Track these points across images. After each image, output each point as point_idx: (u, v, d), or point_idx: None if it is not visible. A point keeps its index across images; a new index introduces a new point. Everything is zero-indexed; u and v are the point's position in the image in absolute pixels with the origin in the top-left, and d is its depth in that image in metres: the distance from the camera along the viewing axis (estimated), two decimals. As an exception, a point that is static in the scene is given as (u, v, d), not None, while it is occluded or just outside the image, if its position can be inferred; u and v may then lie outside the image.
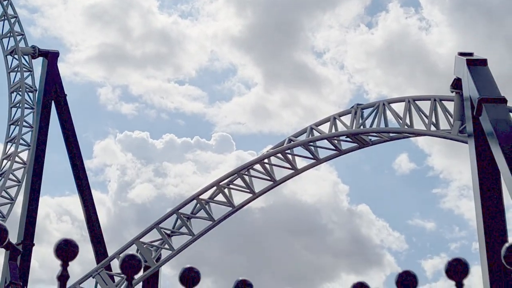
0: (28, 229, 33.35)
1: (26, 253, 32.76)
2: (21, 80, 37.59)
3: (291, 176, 30.54)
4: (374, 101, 28.95)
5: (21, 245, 32.50)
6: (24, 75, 37.74)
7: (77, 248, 2.65)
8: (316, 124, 29.93)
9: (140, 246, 29.46)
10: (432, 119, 25.90)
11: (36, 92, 37.35)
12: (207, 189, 30.41)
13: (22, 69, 37.89)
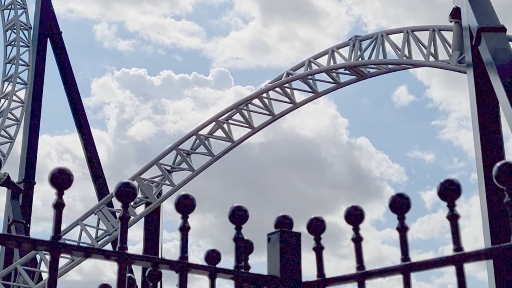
0: (28, 167, 33.54)
1: (28, 191, 33.03)
2: (15, 17, 37.19)
3: (289, 110, 30.51)
4: (373, 33, 28.69)
5: (22, 183, 32.73)
6: (18, 13, 37.33)
7: (72, 176, 2.65)
8: (314, 57, 29.75)
9: (140, 182, 29.64)
10: (431, 49, 25.72)
11: (31, 30, 37.00)
12: (206, 124, 30.42)
13: (16, 6, 37.46)
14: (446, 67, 25.03)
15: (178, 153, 30.19)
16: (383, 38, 27.31)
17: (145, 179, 30.02)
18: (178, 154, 30.21)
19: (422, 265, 2.65)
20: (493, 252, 2.48)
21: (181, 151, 30.11)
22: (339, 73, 29.17)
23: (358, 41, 28.16)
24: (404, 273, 2.68)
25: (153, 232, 29.67)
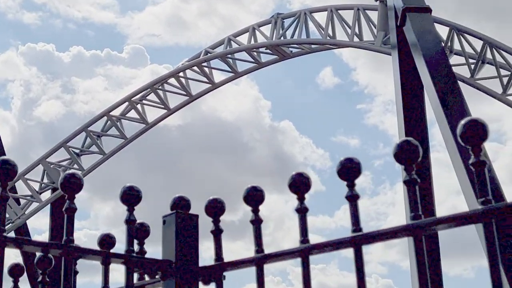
0: None
1: None
2: None
3: (208, 90, 30.42)
4: (296, 11, 28.84)
5: None
6: None
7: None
8: (234, 35, 29.70)
9: (46, 166, 29.07)
10: (355, 29, 26.05)
11: None
12: (119, 104, 30.04)
13: None
14: (371, 48, 25.40)
15: (87, 135, 29.72)
16: (306, 16, 27.48)
17: (52, 162, 29.46)
18: (88, 136, 29.75)
19: (321, 247, 2.68)
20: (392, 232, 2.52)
21: (91, 133, 29.66)
22: (260, 52, 29.23)
23: (281, 19, 28.25)
24: (303, 256, 2.71)
25: (61, 219, 29.18)
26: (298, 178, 2.75)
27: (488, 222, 2.17)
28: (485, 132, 2.23)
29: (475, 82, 25.24)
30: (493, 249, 2.14)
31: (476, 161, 2.24)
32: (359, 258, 2.52)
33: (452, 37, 25.37)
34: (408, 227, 2.39)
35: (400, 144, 2.45)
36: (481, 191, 2.22)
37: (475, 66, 25.19)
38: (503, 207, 2.18)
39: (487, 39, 25.34)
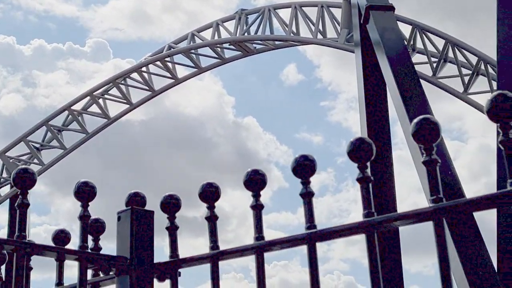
0: None
1: None
2: None
3: (171, 85, 30.32)
4: (260, 7, 28.88)
5: None
6: None
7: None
8: (198, 30, 29.63)
9: (6, 160, 28.73)
10: (319, 26, 26.15)
11: None
12: (80, 99, 29.79)
13: None
14: (334, 45, 25.52)
15: (48, 129, 29.43)
16: (270, 13, 27.52)
17: (11, 157, 29.12)
18: (49, 131, 29.46)
19: (276, 244, 2.69)
20: (345, 230, 2.54)
21: (51, 127, 29.37)
22: (224, 48, 29.20)
23: (245, 15, 28.26)
24: (257, 253, 2.72)
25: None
26: (253, 175, 2.76)
27: (438, 220, 2.20)
28: (437, 131, 2.26)
29: (437, 80, 25.50)
30: (442, 246, 2.17)
31: (427, 159, 2.27)
32: (313, 255, 2.54)
33: (415, 35, 25.61)
34: (361, 225, 2.41)
35: (354, 142, 2.47)
36: (433, 189, 2.25)
37: (437, 65, 25.46)
38: (453, 205, 2.21)
39: (449, 38, 25.62)
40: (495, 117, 2.15)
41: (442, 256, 2.15)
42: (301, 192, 2.60)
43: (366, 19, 21.08)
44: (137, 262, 2.97)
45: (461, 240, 9.85)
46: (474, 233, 10.08)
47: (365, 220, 2.39)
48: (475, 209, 2.27)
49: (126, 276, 2.94)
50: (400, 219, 2.34)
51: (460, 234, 9.90)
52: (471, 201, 2.18)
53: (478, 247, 10.19)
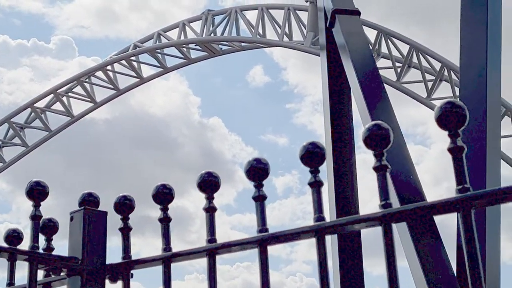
0: None
1: None
2: None
3: (136, 85, 30.21)
4: (226, 8, 28.88)
5: None
6: None
7: None
8: (164, 30, 29.55)
9: (-34, 157, 28.39)
10: (285, 29, 26.26)
11: None
12: (44, 96, 29.56)
13: None
14: (300, 48, 25.64)
15: (10, 126, 29.13)
16: (237, 14, 27.56)
17: (-28, 154, 28.80)
18: (11, 128, 29.16)
19: (228, 247, 2.70)
20: (296, 233, 2.55)
21: (13, 124, 29.07)
22: (190, 49, 29.16)
23: (211, 16, 28.25)
24: (209, 255, 2.72)
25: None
26: (207, 177, 2.76)
27: (386, 225, 2.22)
28: (387, 137, 2.28)
29: (401, 85, 25.73)
30: (390, 251, 2.19)
31: (377, 165, 2.29)
32: (264, 257, 2.55)
33: (380, 40, 25.82)
34: (312, 228, 2.42)
35: (306, 147, 2.49)
36: (381, 195, 2.27)
37: (401, 70, 25.69)
38: (401, 210, 2.23)
39: (414, 43, 25.87)
40: (444, 125, 2.18)
41: (389, 261, 2.18)
42: (254, 196, 2.60)
43: (332, 22, 21.17)
44: (88, 263, 2.95)
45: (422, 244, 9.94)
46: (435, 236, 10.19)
47: (314, 224, 2.41)
48: (426, 213, 2.30)
49: (77, 277, 2.92)
50: (350, 223, 2.36)
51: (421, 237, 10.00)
52: (419, 207, 2.20)
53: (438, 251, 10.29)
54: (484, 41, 10.03)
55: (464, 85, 12.95)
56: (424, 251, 10.35)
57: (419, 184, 14.22)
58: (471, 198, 2.10)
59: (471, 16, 11.77)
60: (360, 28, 23.80)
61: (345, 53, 22.54)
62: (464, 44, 13.03)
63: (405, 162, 12.67)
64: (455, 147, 2.17)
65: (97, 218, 3.06)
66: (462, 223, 2.13)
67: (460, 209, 2.12)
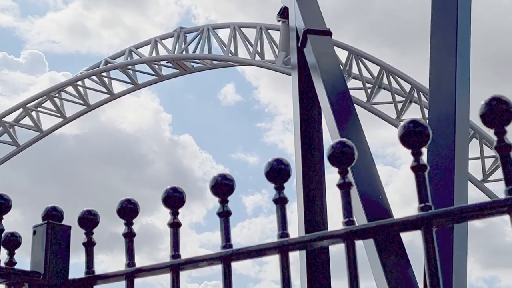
0: None
1: None
2: None
3: (107, 100, 30.08)
4: (199, 26, 28.93)
5: None
6: None
7: None
8: (136, 46, 29.51)
9: None
10: (257, 48, 26.35)
11: None
12: (12, 110, 29.32)
13: None
14: (271, 67, 25.73)
15: (-23, 140, 28.86)
16: (209, 32, 27.62)
17: None
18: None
19: (192, 262, 2.69)
20: (260, 250, 2.55)
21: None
22: (162, 65, 29.14)
23: (183, 33, 28.27)
24: (173, 271, 2.71)
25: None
26: (172, 192, 2.76)
27: (349, 242, 2.23)
28: (351, 155, 2.30)
29: (371, 106, 25.92)
30: (352, 267, 2.21)
31: (341, 182, 2.31)
32: (227, 274, 2.54)
33: (351, 61, 26.01)
34: (276, 245, 2.43)
35: (271, 163, 2.49)
36: (345, 212, 2.29)
37: (372, 91, 25.89)
38: (364, 228, 2.25)
39: (384, 65, 26.10)
40: (407, 143, 2.20)
41: (351, 276, 2.19)
42: (218, 211, 2.61)
43: (303, 42, 21.31)
44: (50, 277, 2.93)
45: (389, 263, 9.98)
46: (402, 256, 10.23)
47: (278, 240, 2.41)
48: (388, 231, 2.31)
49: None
50: (313, 240, 2.37)
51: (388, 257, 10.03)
52: (381, 224, 2.22)
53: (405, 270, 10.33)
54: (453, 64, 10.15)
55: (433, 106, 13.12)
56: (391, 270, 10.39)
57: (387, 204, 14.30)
58: (432, 217, 2.12)
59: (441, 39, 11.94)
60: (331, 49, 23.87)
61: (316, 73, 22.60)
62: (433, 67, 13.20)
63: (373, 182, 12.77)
64: (417, 166, 2.19)
65: (61, 232, 3.03)
66: (424, 241, 2.15)
67: (421, 227, 2.14)
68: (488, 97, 2.12)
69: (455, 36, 10.12)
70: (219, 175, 2.63)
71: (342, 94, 19.64)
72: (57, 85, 29.62)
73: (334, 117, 19.43)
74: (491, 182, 27.21)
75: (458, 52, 10.00)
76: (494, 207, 2.04)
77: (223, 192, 2.60)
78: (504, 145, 2.10)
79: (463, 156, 9.27)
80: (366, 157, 10.10)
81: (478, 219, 2.11)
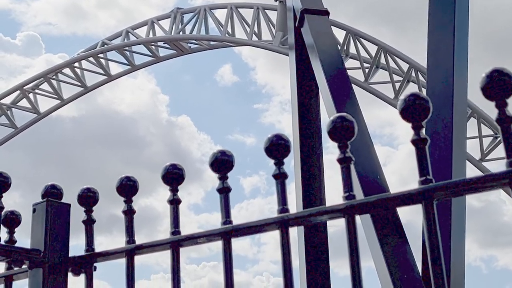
0: None
1: None
2: None
3: (104, 82, 30.03)
4: (196, 6, 28.85)
5: None
6: None
7: None
8: (132, 28, 29.41)
9: None
10: (254, 28, 26.28)
11: None
12: (9, 93, 29.27)
13: None
14: (268, 47, 25.68)
15: (-25, 123, 28.82)
16: (206, 12, 27.52)
17: None
18: (-24, 124, 28.86)
19: (192, 239, 2.69)
20: (260, 225, 2.54)
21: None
22: (159, 46, 29.07)
23: (180, 14, 28.16)
24: (173, 247, 2.71)
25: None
26: (171, 169, 2.75)
27: (349, 216, 2.23)
28: (351, 129, 2.29)
29: (369, 86, 25.89)
30: (353, 242, 2.20)
31: (341, 157, 2.30)
32: (227, 250, 2.54)
33: (349, 41, 25.94)
34: (276, 220, 2.43)
35: (270, 138, 2.49)
36: (345, 186, 2.28)
37: (369, 71, 25.84)
38: (364, 202, 2.25)
39: (382, 44, 26.04)
40: (407, 117, 2.19)
41: (352, 252, 2.19)
42: (218, 188, 2.60)
43: (301, 22, 21.25)
44: (50, 255, 2.92)
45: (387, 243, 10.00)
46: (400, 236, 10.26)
47: (278, 216, 2.41)
48: (388, 205, 2.31)
49: (39, 269, 2.89)
50: (313, 215, 2.37)
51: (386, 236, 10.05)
52: (381, 198, 2.22)
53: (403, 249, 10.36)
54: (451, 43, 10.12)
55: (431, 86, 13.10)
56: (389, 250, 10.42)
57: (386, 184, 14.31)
58: (433, 190, 2.12)
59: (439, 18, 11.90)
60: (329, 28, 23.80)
61: (313, 53, 22.54)
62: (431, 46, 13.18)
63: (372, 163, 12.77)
64: (418, 139, 2.19)
65: (60, 210, 3.03)
66: (425, 215, 2.14)
67: (422, 200, 2.13)
68: (489, 69, 2.09)
69: (453, 14, 10.08)
70: (219, 151, 2.62)
71: (339, 74, 19.62)
72: (54, 67, 29.55)
73: (331, 97, 19.38)
74: (489, 161, 27.26)
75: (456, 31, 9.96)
76: (495, 179, 2.03)
77: (223, 168, 2.59)
78: (505, 117, 2.08)
79: (461, 134, 9.26)
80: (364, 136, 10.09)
81: (479, 192, 2.10)
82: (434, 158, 8.04)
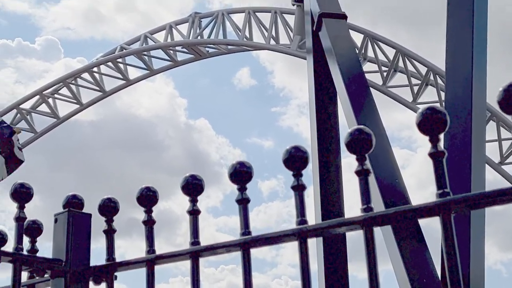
0: None
1: None
2: None
3: (122, 87, 30.18)
4: (213, 11, 28.91)
5: None
6: None
7: None
8: (151, 32, 29.55)
9: (-50, 158, 28.27)
10: (272, 32, 26.30)
11: None
12: (29, 97, 29.48)
13: None
14: (286, 51, 25.69)
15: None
16: (224, 17, 27.59)
17: (-44, 155, 28.67)
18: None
19: (211, 249, 2.72)
20: (279, 236, 2.57)
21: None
22: (177, 51, 29.18)
23: (198, 18, 28.26)
24: (192, 258, 2.74)
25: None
26: (191, 180, 2.78)
27: (367, 229, 2.25)
28: (369, 142, 2.31)
29: (387, 89, 25.83)
30: (371, 254, 2.22)
31: (359, 169, 2.32)
32: (247, 260, 2.57)
33: (366, 44, 25.91)
34: (294, 231, 2.45)
35: (289, 150, 2.51)
36: (363, 199, 2.30)
37: (388, 74, 25.79)
38: (382, 214, 2.27)
39: (400, 48, 25.98)
40: (425, 130, 2.21)
41: (370, 263, 2.21)
42: (237, 199, 2.63)
43: (318, 26, 21.23)
44: (72, 264, 2.97)
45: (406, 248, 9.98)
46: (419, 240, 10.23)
47: (297, 227, 2.43)
48: (406, 217, 2.33)
49: (60, 279, 2.93)
50: (332, 227, 2.39)
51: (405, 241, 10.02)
52: (399, 211, 2.24)
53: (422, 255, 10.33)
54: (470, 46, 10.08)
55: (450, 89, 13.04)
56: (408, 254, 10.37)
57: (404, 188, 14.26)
58: (451, 203, 2.14)
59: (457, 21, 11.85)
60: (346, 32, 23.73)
61: (331, 56, 22.44)
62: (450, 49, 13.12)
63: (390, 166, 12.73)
64: (435, 152, 2.20)
65: (81, 220, 3.07)
66: (442, 227, 2.16)
67: (440, 213, 2.15)
68: (506, 83, 2.11)
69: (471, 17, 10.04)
70: (238, 163, 2.65)
71: (357, 77, 19.59)
72: (73, 72, 29.74)
73: (349, 101, 19.34)
74: (509, 165, 27.10)
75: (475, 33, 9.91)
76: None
77: (242, 180, 2.62)
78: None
79: (480, 139, 9.21)
80: (383, 141, 10.07)
81: (497, 205, 2.12)
82: (452, 164, 8.02)
